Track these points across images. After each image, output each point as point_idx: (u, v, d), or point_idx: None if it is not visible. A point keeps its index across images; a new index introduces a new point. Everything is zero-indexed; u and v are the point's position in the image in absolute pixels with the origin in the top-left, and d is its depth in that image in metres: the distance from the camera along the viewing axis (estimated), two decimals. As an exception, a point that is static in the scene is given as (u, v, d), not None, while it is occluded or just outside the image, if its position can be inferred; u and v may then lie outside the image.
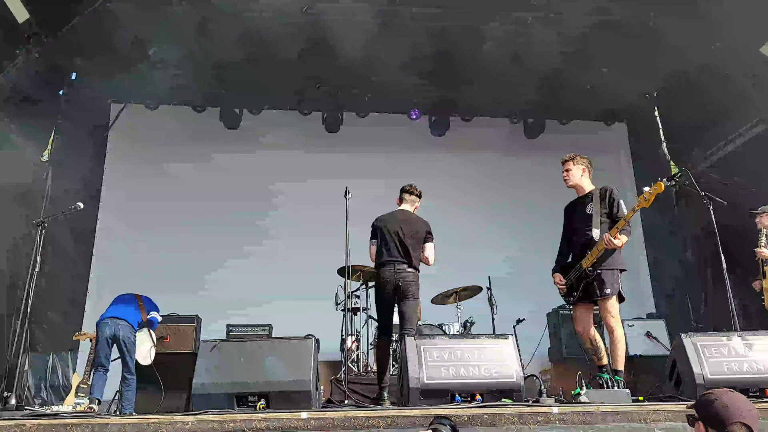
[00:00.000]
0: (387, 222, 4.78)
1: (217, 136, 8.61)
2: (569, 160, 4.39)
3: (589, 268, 4.09)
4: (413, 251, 4.69)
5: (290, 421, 3.02)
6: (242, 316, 6.90)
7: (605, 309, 4.09)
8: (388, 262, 4.66)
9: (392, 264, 4.64)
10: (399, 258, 4.64)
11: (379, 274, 4.73)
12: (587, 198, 4.28)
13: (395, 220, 4.80)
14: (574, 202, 4.42)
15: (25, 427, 2.87)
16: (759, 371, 3.76)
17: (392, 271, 4.63)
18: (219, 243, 7.98)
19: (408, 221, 4.81)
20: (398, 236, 4.68)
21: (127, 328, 5.05)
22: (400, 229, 4.71)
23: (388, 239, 4.69)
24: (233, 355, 3.86)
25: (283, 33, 6.95)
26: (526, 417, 3.08)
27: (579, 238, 4.22)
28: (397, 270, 4.62)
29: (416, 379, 3.74)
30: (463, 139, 8.94)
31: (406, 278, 4.62)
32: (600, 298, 4.08)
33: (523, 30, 7.10)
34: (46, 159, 7.68)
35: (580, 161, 4.37)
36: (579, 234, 4.22)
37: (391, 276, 4.62)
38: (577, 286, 4.21)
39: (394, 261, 4.64)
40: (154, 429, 2.92)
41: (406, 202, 4.98)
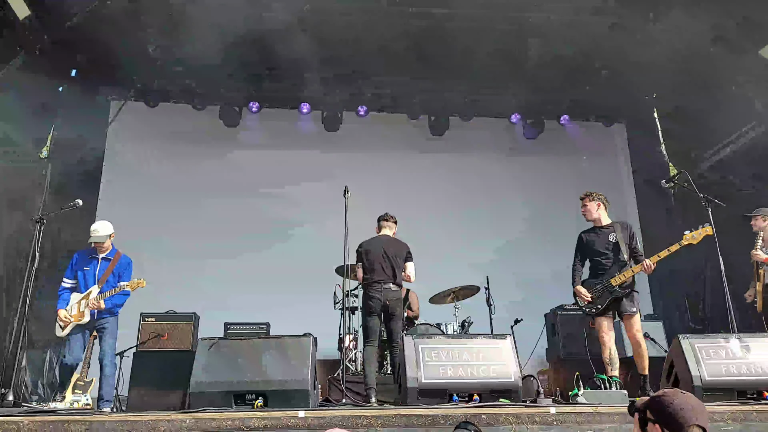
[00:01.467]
0: (371, 246, 5.16)
1: (217, 134, 8.61)
2: (586, 197, 5.05)
3: (618, 287, 4.70)
4: (397, 270, 5.08)
5: (288, 419, 3.02)
6: (240, 315, 6.89)
7: (634, 324, 4.68)
8: (376, 282, 5.01)
9: (379, 283, 5.00)
10: (385, 277, 5.01)
11: (367, 293, 5.06)
12: (608, 228, 4.94)
13: (380, 243, 5.17)
14: (594, 230, 5.03)
15: (22, 423, 2.86)
16: (756, 373, 3.77)
17: (379, 289, 4.99)
18: (218, 241, 7.97)
19: (391, 243, 5.19)
20: (384, 258, 5.06)
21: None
22: (384, 251, 5.08)
23: (374, 261, 5.06)
24: (231, 353, 3.86)
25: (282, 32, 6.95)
26: (524, 417, 3.08)
27: (603, 260, 4.86)
28: (384, 289, 4.98)
29: (414, 379, 3.74)
30: (463, 139, 8.94)
31: (394, 297, 5.01)
32: (629, 314, 4.70)
33: (522, 30, 7.11)
34: (45, 155, 7.67)
35: (597, 197, 5.01)
36: (602, 257, 4.87)
37: (379, 295, 4.98)
38: (603, 301, 4.75)
39: (381, 281, 5.00)
40: (151, 427, 2.92)
41: (385, 228, 5.36)
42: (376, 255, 5.06)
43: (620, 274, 4.70)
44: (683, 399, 1.85)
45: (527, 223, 8.61)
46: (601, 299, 4.75)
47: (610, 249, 4.84)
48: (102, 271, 4.98)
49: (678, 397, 1.86)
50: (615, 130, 9.54)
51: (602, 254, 4.86)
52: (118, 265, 5.05)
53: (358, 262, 5.17)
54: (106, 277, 4.98)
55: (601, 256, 4.86)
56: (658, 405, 1.86)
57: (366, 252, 5.12)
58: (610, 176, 9.32)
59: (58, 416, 3.11)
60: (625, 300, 4.69)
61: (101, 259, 5.03)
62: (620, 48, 7.16)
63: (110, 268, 5.00)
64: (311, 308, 6.79)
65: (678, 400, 1.84)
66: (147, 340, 6.04)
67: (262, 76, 8.25)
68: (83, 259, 5.03)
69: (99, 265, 5.00)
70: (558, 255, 8.46)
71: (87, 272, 4.97)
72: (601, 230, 4.96)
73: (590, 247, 4.96)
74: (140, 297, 6.92)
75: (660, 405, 1.85)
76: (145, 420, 2.96)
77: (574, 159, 9.22)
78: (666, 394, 1.88)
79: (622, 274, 4.69)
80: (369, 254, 5.09)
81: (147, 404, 5.34)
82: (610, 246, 4.84)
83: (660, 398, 1.88)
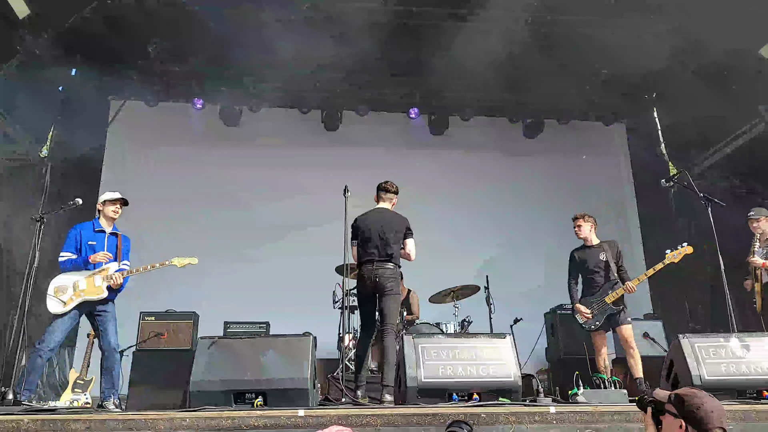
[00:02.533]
0: (365, 221, 4.81)
1: (217, 133, 8.60)
2: (580, 218, 5.45)
3: (612, 304, 5.10)
4: (393, 248, 4.68)
5: (287, 418, 3.02)
6: (240, 314, 6.89)
7: (628, 334, 5.07)
8: (368, 261, 4.68)
9: (371, 262, 4.65)
10: (377, 256, 4.65)
11: (359, 273, 4.76)
12: (598, 248, 5.34)
13: (373, 219, 4.82)
14: (584, 249, 5.41)
15: (22, 422, 2.87)
16: (756, 373, 3.78)
17: (371, 268, 4.62)
18: (217, 240, 7.97)
19: (386, 219, 4.81)
20: (377, 235, 4.69)
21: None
22: (379, 227, 4.72)
23: (367, 238, 4.71)
24: (231, 352, 3.86)
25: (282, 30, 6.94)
26: (524, 416, 3.08)
27: (596, 277, 5.26)
28: (376, 267, 4.61)
29: (414, 378, 3.75)
30: (462, 138, 8.95)
31: (384, 274, 4.59)
32: (625, 324, 5.09)
33: (522, 30, 7.11)
34: (45, 155, 7.67)
35: (589, 219, 5.43)
36: (595, 274, 5.27)
37: (369, 273, 4.61)
38: (600, 318, 5.16)
39: (373, 259, 4.65)
40: (151, 425, 2.92)
41: (384, 200, 4.98)
42: (371, 231, 4.70)
43: (613, 293, 5.11)
44: (712, 403, 1.96)
45: (527, 223, 8.61)
46: (598, 316, 5.16)
47: (602, 267, 5.25)
48: (112, 248, 4.66)
49: (707, 399, 1.97)
50: (614, 130, 9.54)
51: (595, 272, 5.27)
52: (124, 244, 4.76)
53: (353, 240, 4.83)
54: (120, 254, 4.67)
55: (594, 274, 5.27)
56: (688, 404, 1.95)
57: (361, 228, 4.77)
58: (610, 176, 9.32)
59: (58, 415, 3.11)
60: (620, 314, 5.11)
61: (108, 234, 4.74)
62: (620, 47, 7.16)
63: (120, 246, 4.69)
64: (311, 307, 6.79)
65: (708, 403, 1.95)
66: (147, 339, 6.05)
67: (261, 76, 8.24)
68: (89, 233, 4.68)
69: (107, 241, 4.68)
70: (557, 255, 8.47)
71: (94, 247, 4.63)
72: (591, 249, 5.35)
73: (583, 266, 5.34)
74: (140, 296, 6.95)
75: (690, 405, 1.95)
76: (145, 419, 2.96)
77: (574, 158, 9.22)
78: (696, 396, 1.98)
79: (615, 293, 5.10)
80: (364, 230, 4.73)
81: (147, 403, 5.34)
82: (602, 264, 5.25)
83: (690, 398, 1.98)
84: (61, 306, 4.44)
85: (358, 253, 4.81)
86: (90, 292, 4.48)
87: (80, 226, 4.77)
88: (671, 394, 2.09)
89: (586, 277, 5.35)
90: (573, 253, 5.47)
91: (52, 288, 4.50)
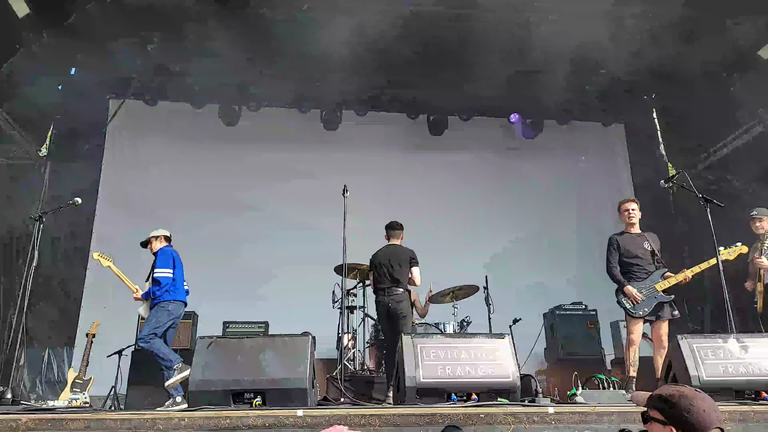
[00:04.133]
0: (379, 257, 5.64)
1: (216, 133, 8.60)
2: (633, 201, 5.39)
3: (663, 292, 4.93)
4: (402, 277, 5.50)
5: (286, 418, 3.01)
6: (239, 314, 6.90)
7: (665, 330, 4.90)
8: (382, 289, 5.50)
9: (384, 290, 5.48)
10: (390, 285, 5.47)
11: (377, 302, 5.58)
12: (641, 236, 5.19)
13: (385, 254, 5.63)
14: (627, 235, 5.23)
15: (20, 421, 2.86)
16: (755, 374, 3.77)
17: (384, 294, 5.47)
18: (216, 240, 7.97)
19: (395, 254, 5.61)
20: (388, 268, 5.51)
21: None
22: (388, 262, 5.54)
23: (381, 271, 5.54)
24: (230, 351, 3.85)
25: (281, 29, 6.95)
26: (522, 417, 3.08)
27: (642, 264, 5.06)
28: (389, 293, 5.44)
29: (413, 378, 3.74)
30: (461, 138, 8.95)
31: (395, 299, 5.42)
32: (671, 318, 4.95)
33: (522, 30, 7.10)
34: (44, 153, 7.67)
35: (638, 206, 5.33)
36: (640, 261, 5.07)
37: (385, 299, 5.45)
38: (650, 305, 4.94)
39: (386, 287, 5.47)
40: (150, 424, 2.92)
41: (393, 238, 5.76)
42: (383, 265, 5.55)
43: (664, 281, 4.92)
44: (704, 401, 1.66)
45: (526, 223, 8.62)
46: (646, 303, 4.93)
47: (648, 255, 5.07)
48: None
49: (698, 398, 1.67)
50: (613, 131, 9.55)
51: (640, 258, 5.06)
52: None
53: (370, 272, 5.73)
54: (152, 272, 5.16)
55: (640, 261, 5.06)
56: (676, 407, 1.65)
57: (375, 263, 5.64)
58: (609, 176, 9.33)
59: (57, 414, 3.11)
60: (667, 305, 4.94)
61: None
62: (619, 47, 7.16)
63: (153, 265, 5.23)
64: (310, 307, 6.79)
65: (699, 402, 1.65)
66: (146, 339, 6.03)
67: (261, 75, 8.24)
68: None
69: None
70: (557, 255, 8.53)
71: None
72: (634, 236, 5.18)
73: (627, 251, 5.11)
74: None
75: (678, 408, 1.65)
76: (144, 418, 2.96)
77: (573, 159, 9.23)
78: (684, 395, 1.68)
79: (666, 281, 4.91)
80: (377, 265, 5.60)
81: (145, 402, 5.34)
82: (647, 253, 5.08)
83: (676, 398, 1.67)
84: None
85: (374, 283, 5.66)
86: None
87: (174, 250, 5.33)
88: (653, 395, 1.76)
89: (629, 264, 5.09)
90: (615, 238, 5.24)
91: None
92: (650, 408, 1.74)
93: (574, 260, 8.35)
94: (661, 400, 1.71)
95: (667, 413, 1.67)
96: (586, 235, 8.54)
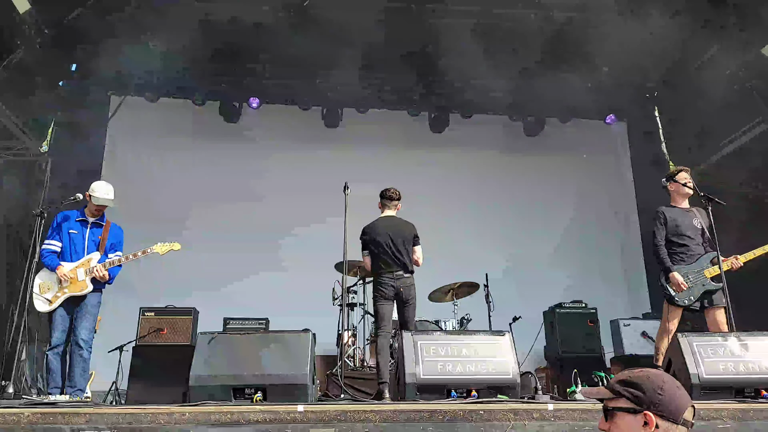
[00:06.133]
0: (375, 232, 4.87)
1: (217, 130, 8.61)
2: (685, 170, 4.76)
3: (711, 279, 4.43)
4: (406, 256, 4.82)
5: (287, 413, 3.02)
6: (239, 310, 6.91)
7: (722, 319, 4.39)
8: (386, 272, 4.78)
9: (390, 272, 4.77)
10: (395, 266, 4.77)
11: (379, 282, 4.81)
12: (691, 212, 4.65)
13: (385, 228, 4.88)
14: (677, 210, 4.67)
15: (23, 415, 2.88)
16: (755, 372, 3.77)
17: (391, 277, 4.76)
18: (216, 237, 7.98)
19: (396, 227, 4.91)
20: (390, 245, 4.79)
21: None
22: (389, 237, 4.81)
23: (381, 249, 4.81)
24: (230, 347, 3.86)
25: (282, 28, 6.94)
26: (522, 413, 3.08)
27: (691, 244, 4.53)
28: (396, 277, 4.75)
29: (413, 375, 3.75)
30: (463, 136, 8.94)
31: (406, 283, 4.77)
32: (720, 308, 4.39)
33: (523, 27, 7.10)
34: (45, 150, 7.67)
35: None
36: (690, 241, 4.54)
37: (392, 282, 4.74)
38: (696, 293, 4.44)
39: (392, 270, 4.77)
40: (151, 420, 2.93)
41: (389, 208, 5.06)
42: (384, 243, 4.79)
43: (713, 267, 4.43)
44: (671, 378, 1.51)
45: (527, 221, 8.62)
46: (692, 291, 4.43)
47: (697, 234, 4.53)
48: (95, 237, 4.48)
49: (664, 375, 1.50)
50: (615, 128, 9.54)
51: (689, 238, 4.51)
52: (113, 234, 4.57)
53: (364, 250, 4.92)
54: (104, 245, 4.46)
55: (689, 240, 4.51)
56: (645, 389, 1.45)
57: (372, 240, 4.85)
58: (611, 174, 9.33)
59: (59, 408, 3.12)
60: (716, 294, 4.43)
61: (92, 223, 4.54)
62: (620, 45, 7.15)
63: (105, 236, 4.47)
64: (310, 304, 6.80)
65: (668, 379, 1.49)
66: (146, 335, 6.07)
67: (262, 72, 8.24)
68: (70, 222, 4.48)
69: (89, 230, 4.49)
70: (557, 253, 8.53)
71: (75, 236, 4.44)
72: (684, 212, 4.64)
73: (677, 228, 4.55)
74: (139, 291, 6.96)
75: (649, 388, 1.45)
76: (145, 413, 2.97)
77: (575, 157, 9.22)
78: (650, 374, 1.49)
79: (715, 267, 4.40)
80: (376, 242, 4.82)
81: (146, 398, 5.35)
82: (697, 231, 4.54)
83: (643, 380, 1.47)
84: (46, 305, 4.34)
85: (372, 263, 4.87)
86: (74, 288, 4.35)
87: (63, 213, 4.60)
88: (613, 383, 1.53)
89: (676, 243, 4.53)
90: (663, 211, 4.64)
91: (36, 286, 4.37)
92: (615, 398, 1.50)
93: (574, 258, 8.36)
94: (628, 384, 1.49)
95: (639, 398, 1.45)
96: (587, 233, 8.55)
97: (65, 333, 4.37)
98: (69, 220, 4.54)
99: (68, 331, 4.37)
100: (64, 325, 4.37)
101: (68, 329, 4.38)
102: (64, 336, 4.36)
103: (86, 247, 4.46)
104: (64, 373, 4.29)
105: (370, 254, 4.89)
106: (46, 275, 4.42)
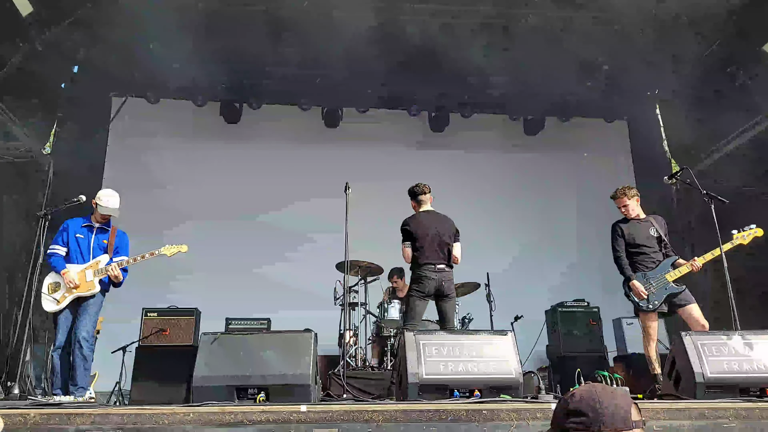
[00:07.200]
0: (421, 225, 4.88)
1: (217, 130, 8.62)
2: (624, 195, 4.95)
3: (674, 283, 4.64)
4: (449, 251, 4.85)
5: (290, 413, 3.02)
6: (241, 310, 6.91)
7: (698, 313, 4.56)
8: (428, 264, 4.79)
9: (433, 265, 4.78)
10: (439, 259, 4.79)
11: (420, 275, 4.81)
12: (646, 221, 4.88)
13: (430, 221, 4.91)
14: (630, 222, 4.90)
15: (29, 416, 2.88)
16: (759, 370, 3.75)
17: (434, 270, 4.77)
18: (218, 237, 7.99)
19: (441, 222, 4.94)
20: (436, 238, 4.81)
21: None
22: (435, 230, 4.84)
23: (426, 241, 4.80)
24: (233, 348, 3.87)
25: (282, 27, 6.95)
26: (525, 413, 3.08)
27: (650, 252, 4.76)
28: (438, 270, 4.78)
29: (415, 375, 3.75)
30: (463, 135, 8.94)
31: (447, 278, 4.81)
32: (691, 304, 4.58)
33: (522, 27, 7.09)
34: (48, 151, 7.69)
35: (632, 194, 4.96)
36: (647, 249, 4.77)
37: (433, 275, 4.76)
38: (660, 298, 4.63)
39: (435, 262, 4.78)
40: (154, 420, 2.94)
41: (425, 203, 5.08)
42: (427, 235, 4.79)
43: (675, 270, 4.64)
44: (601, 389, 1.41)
45: (527, 220, 8.62)
46: (657, 296, 4.64)
47: (654, 243, 4.76)
48: (101, 242, 4.60)
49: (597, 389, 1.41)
50: (616, 127, 9.52)
51: (647, 247, 4.76)
52: (118, 239, 4.68)
53: (405, 241, 4.89)
54: (111, 249, 4.58)
55: (647, 249, 4.76)
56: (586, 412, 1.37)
57: (417, 232, 4.84)
58: (611, 173, 9.30)
59: (64, 409, 3.13)
60: (681, 295, 4.63)
61: (98, 228, 4.67)
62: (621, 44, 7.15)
63: (111, 241, 4.59)
64: (311, 304, 6.80)
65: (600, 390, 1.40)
66: (149, 335, 6.08)
67: (263, 73, 8.24)
68: (77, 227, 4.63)
69: (94, 235, 4.62)
70: (558, 252, 8.52)
71: (81, 240, 4.56)
72: (639, 223, 4.87)
73: (632, 240, 4.80)
74: (142, 292, 6.96)
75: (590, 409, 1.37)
76: (148, 413, 2.98)
77: (575, 156, 9.21)
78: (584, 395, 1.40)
79: (677, 270, 4.63)
80: (419, 234, 4.81)
81: (149, 398, 5.37)
82: (654, 240, 4.77)
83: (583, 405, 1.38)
84: (54, 304, 4.42)
85: (414, 256, 4.86)
86: (82, 289, 4.44)
87: (70, 220, 4.72)
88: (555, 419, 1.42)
89: (635, 253, 4.79)
90: (618, 226, 4.90)
91: (45, 286, 4.47)
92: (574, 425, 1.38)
93: (576, 257, 8.35)
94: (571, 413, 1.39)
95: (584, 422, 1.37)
96: (588, 231, 8.53)
97: (68, 334, 4.44)
98: (75, 225, 4.67)
99: (70, 332, 4.43)
100: (67, 326, 4.44)
101: (71, 330, 4.44)
102: (67, 337, 4.43)
103: (92, 251, 4.57)
104: (66, 374, 4.36)
105: (412, 247, 4.86)
106: (55, 275, 4.52)
